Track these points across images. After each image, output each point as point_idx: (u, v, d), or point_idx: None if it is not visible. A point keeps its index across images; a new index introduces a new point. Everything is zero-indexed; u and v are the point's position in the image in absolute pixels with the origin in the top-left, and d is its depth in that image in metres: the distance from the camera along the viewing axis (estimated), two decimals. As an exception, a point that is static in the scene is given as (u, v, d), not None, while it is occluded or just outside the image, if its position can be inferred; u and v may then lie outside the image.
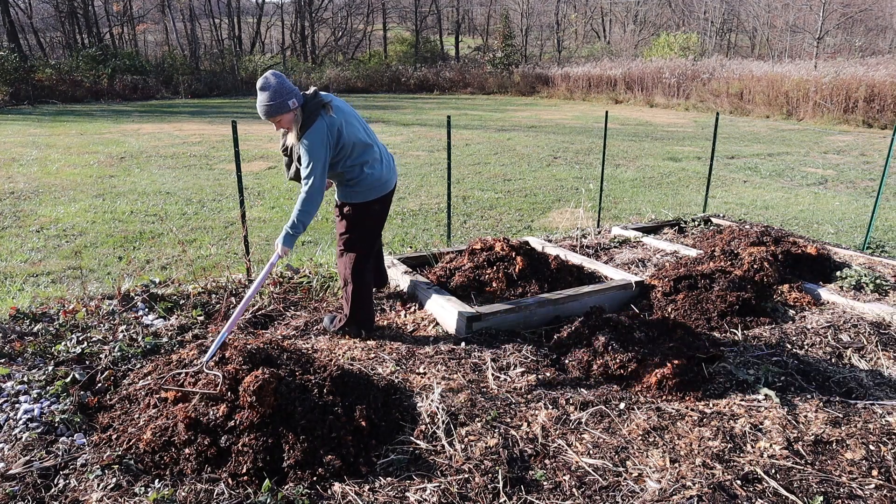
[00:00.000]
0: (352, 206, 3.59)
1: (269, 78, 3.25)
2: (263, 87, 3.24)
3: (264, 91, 3.23)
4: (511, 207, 8.09)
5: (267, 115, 3.26)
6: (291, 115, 3.28)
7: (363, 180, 3.53)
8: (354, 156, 3.49)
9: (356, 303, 3.72)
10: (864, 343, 3.81)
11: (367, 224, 3.64)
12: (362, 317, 3.77)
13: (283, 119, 3.29)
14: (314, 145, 3.27)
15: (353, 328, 3.77)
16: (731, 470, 2.58)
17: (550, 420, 2.90)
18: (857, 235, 6.86)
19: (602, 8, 49.01)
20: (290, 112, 3.27)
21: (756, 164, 11.67)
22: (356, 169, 3.51)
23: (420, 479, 2.51)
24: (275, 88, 3.21)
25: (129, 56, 27.81)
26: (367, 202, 3.59)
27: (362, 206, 3.59)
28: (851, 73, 19.44)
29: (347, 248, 3.66)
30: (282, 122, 3.32)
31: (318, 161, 3.28)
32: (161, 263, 5.75)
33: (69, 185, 8.95)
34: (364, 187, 3.55)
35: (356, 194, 3.56)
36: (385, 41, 43.90)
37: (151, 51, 36.51)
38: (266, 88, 3.22)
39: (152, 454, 2.58)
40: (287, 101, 3.23)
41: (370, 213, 3.62)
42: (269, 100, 3.21)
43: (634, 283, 4.41)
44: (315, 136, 3.27)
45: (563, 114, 21.59)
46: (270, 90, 3.21)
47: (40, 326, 3.77)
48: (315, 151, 3.27)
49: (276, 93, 3.21)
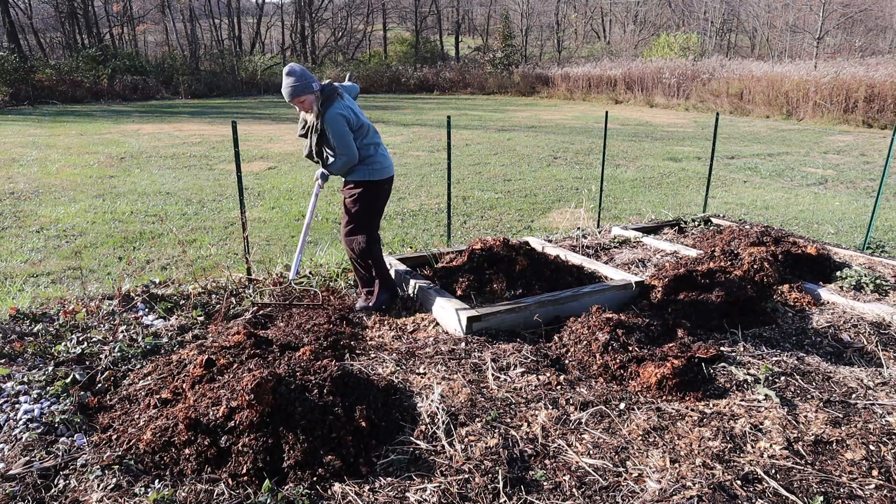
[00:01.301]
0: (367, 184, 4.00)
1: (294, 66, 3.81)
2: (290, 72, 3.77)
3: (291, 76, 3.76)
4: (511, 207, 8.09)
5: (293, 96, 3.77)
6: (313, 96, 3.80)
7: (377, 160, 4.01)
8: (370, 135, 3.99)
9: (381, 270, 4.18)
10: (864, 343, 3.81)
11: (378, 202, 4.10)
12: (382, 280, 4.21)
13: (306, 100, 3.79)
14: (335, 117, 3.79)
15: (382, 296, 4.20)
16: (731, 470, 2.58)
17: (550, 420, 2.90)
18: (857, 235, 6.86)
19: (602, 8, 49.02)
20: (312, 93, 3.79)
21: (756, 165, 11.67)
22: (371, 147, 3.98)
23: (420, 479, 2.51)
24: (300, 73, 3.78)
25: (129, 56, 27.82)
26: (381, 180, 4.04)
27: (376, 185, 4.02)
28: (851, 73, 19.44)
29: (359, 227, 4.07)
30: (305, 103, 3.82)
31: (343, 131, 3.82)
32: (161, 264, 5.75)
33: (69, 186, 8.95)
34: (378, 166, 4.01)
35: (372, 172, 3.99)
36: (385, 41, 43.90)
37: (151, 51, 36.52)
38: (292, 74, 3.77)
39: (152, 454, 2.57)
40: (311, 83, 3.78)
41: (381, 191, 4.08)
42: (296, 81, 3.75)
43: (634, 283, 4.41)
44: (336, 111, 3.80)
45: (563, 114, 21.59)
46: (296, 75, 3.77)
47: (40, 327, 3.77)
48: (337, 123, 3.80)
49: (301, 76, 3.76)
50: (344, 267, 4.97)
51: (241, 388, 2.65)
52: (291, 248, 6.17)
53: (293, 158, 11.61)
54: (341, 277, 4.76)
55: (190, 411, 2.68)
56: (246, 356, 3.19)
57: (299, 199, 8.34)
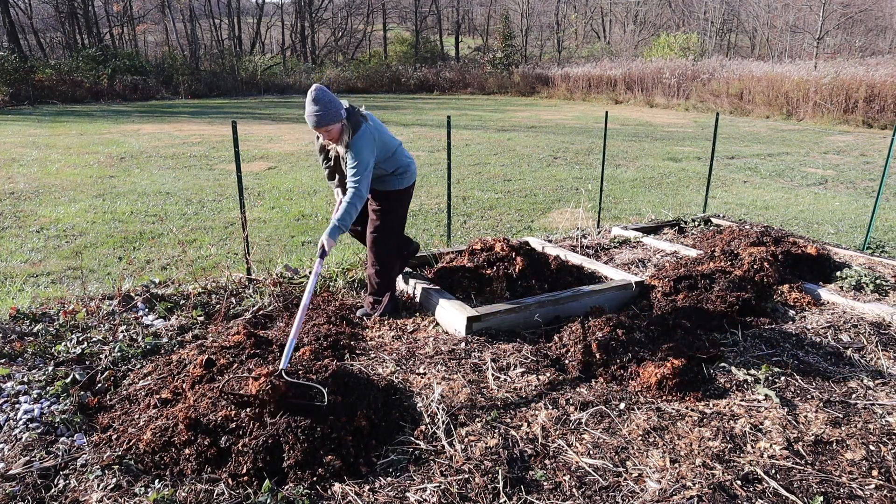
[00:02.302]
0: (398, 192, 4.00)
1: (320, 89, 3.50)
2: (316, 99, 3.46)
3: (317, 102, 3.46)
4: (511, 207, 8.09)
5: (318, 125, 3.49)
6: (340, 125, 3.55)
7: (407, 168, 4.02)
8: (394, 148, 3.92)
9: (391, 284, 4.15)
10: (864, 343, 3.81)
11: (405, 206, 4.13)
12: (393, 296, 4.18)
13: (333, 129, 3.54)
14: (362, 150, 3.56)
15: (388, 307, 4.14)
16: (731, 470, 2.58)
17: (550, 420, 2.90)
18: (857, 235, 6.86)
19: (602, 8, 49.02)
20: (340, 122, 3.53)
21: (756, 165, 11.67)
22: (401, 159, 3.98)
23: (420, 479, 2.51)
24: (328, 99, 3.48)
25: (129, 56, 27.81)
26: (409, 186, 4.07)
27: (405, 191, 4.05)
28: (851, 74, 19.44)
29: (388, 232, 4.04)
30: (331, 132, 3.56)
31: (366, 164, 3.56)
32: (161, 264, 5.75)
33: (69, 186, 8.95)
34: (409, 173, 4.04)
35: (403, 180, 4.00)
36: (385, 41, 43.90)
37: (151, 51, 36.52)
38: (319, 101, 3.46)
39: (152, 454, 2.58)
40: (339, 110, 3.51)
41: (409, 195, 4.12)
42: (323, 110, 3.46)
43: (634, 284, 4.41)
44: (363, 142, 3.57)
45: (563, 114, 21.59)
46: (324, 102, 3.47)
47: (40, 327, 3.77)
48: (363, 155, 3.55)
49: (330, 103, 3.48)
50: (344, 267, 4.97)
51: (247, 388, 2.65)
52: (291, 248, 6.17)
53: (293, 158, 11.62)
54: (340, 277, 4.76)
55: (190, 411, 2.68)
56: (246, 356, 3.19)
57: (299, 199, 8.34)
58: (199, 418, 2.63)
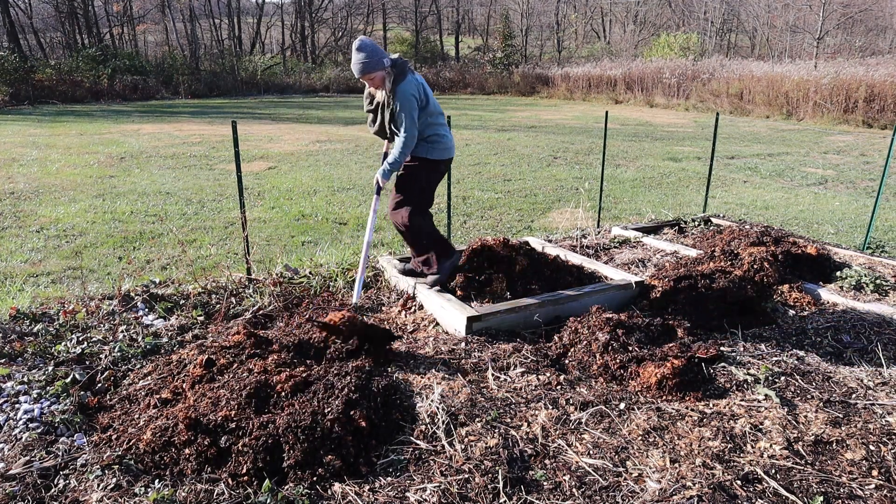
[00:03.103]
0: (425, 161, 4.00)
1: (364, 40, 3.72)
2: (360, 47, 3.68)
3: (361, 51, 3.66)
4: (511, 207, 8.09)
5: (363, 72, 3.68)
6: (383, 72, 3.72)
7: (441, 140, 3.99)
8: (435, 115, 3.95)
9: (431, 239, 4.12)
10: (864, 343, 3.81)
11: (432, 180, 4.07)
12: (439, 249, 4.15)
13: (376, 76, 3.71)
14: (407, 94, 3.72)
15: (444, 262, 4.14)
16: (731, 470, 2.57)
17: (550, 420, 2.90)
18: (857, 235, 6.86)
19: (602, 8, 49.01)
20: (383, 70, 3.70)
21: (756, 165, 11.67)
22: (436, 127, 3.96)
23: (420, 479, 2.51)
24: (371, 48, 3.67)
25: (129, 56, 27.82)
26: (440, 160, 4.03)
27: (434, 164, 4.02)
28: (851, 74, 19.44)
29: (407, 201, 4.03)
30: (374, 80, 3.75)
31: (411, 109, 3.74)
32: (161, 263, 5.75)
33: (69, 186, 8.95)
34: (441, 146, 4.00)
35: (433, 150, 3.98)
36: (385, 41, 43.88)
37: (151, 51, 36.51)
38: (363, 49, 3.67)
39: (152, 454, 2.57)
40: (382, 58, 3.68)
41: (438, 171, 4.08)
42: (367, 57, 3.65)
43: (634, 283, 4.41)
44: (407, 88, 3.72)
45: (563, 114, 21.59)
46: (367, 50, 3.66)
47: (40, 326, 3.77)
48: (409, 101, 3.73)
49: (373, 52, 3.66)
50: (344, 267, 4.97)
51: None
52: (291, 248, 6.18)
53: (293, 158, 11.62)
54: (341, 277, 4.76)
55: (190, 411, 2.68)
56: (246, 356, 3.19)
57: (299, 199, 8.34)
58: (199, 418, 2.63)
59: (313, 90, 30.93)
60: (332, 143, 13.59)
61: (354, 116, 19.61)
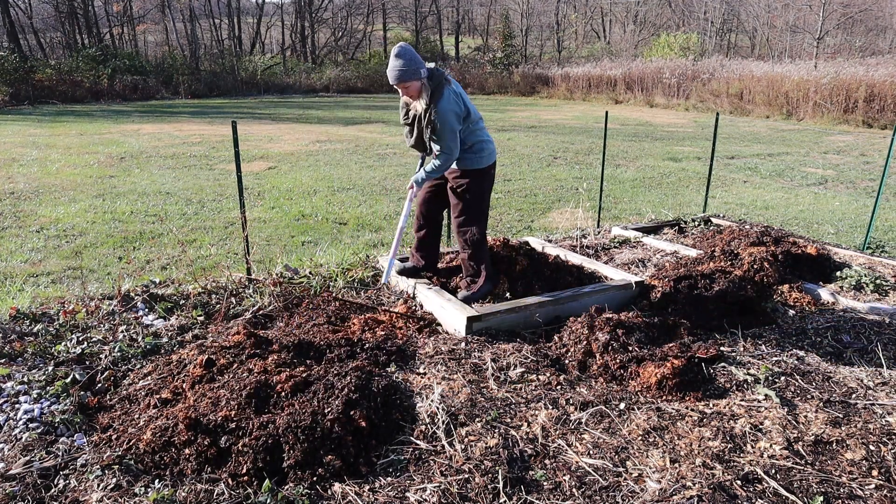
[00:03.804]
0: (476, 171, 3.89)
1: (404, 46, 3.56)
2: (399, 54, 3.52)
3: (400, 58, 3.51)
4: (511, 207, 8.09)
5: (399, 80, 3.53)
6: (419, 83, 3.57)
7: (485, 147, 3.88)
8: (475, 122, 3.83)
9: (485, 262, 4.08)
10: (864, 343, 3.81)
11: (486, 189, 3.99)
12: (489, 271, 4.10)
13: (411, 86, 3.57)
14: (448, 115, 3.59)
15: (485, 286, 4.09)
16: (731, 470, 2.57)
17: (550, 420, 2.90)
18: (857, 235, 6.86)
19: (602, 8, 49.02)
20: (419, 80, 3.56)
21: (756, 165, 11.67)
22: (478, 133, 3.85)
23: (420, 479, 2.51)
24: (409, 56, 3.52)
25: (129, 56, 27.83)
26: (489, 166, 3.93)
27: (484, 171, 3.92)
28: (851, 73, 19.45)
29: (472, 218, 3.98)
30: (409, 89, 3.59)
31: (454, 128, 3.63)
32: (161, 263, 5.75)
33: (69, 186, 8.95)
34: (486, 152, 3.89)
35: (480, 159, 3.88)
36: (385, 41, 43.89)
37: (151, 51, 36.51)
38: (401, 56, 3.52)
39: (152, 454, 2.57)
40: (420, 68, 3.53)
41: (490, 176, 3.98)
42: (405, 66, 3.49)
43: (634, 283, 4.41)
44: (448, 105, 3.59)
45: (563, 114, 21.59)
46: (406, 58, 3.51)
47: (40, 326, 3.77)
48: (450, 121, 3.60)
49: (411, 60, 3.51)
50: (344, 267, 4.97)
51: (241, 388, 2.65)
52: (291, 248, 6.17)
53: (293, 158, 11.62)
54: (340, 277, 4.76)
55: (190, 411, 2.68)
56: (246, 356, 3.19)
57: (299, 199, 8.34)
58: (199, 418, 2.63)
59: (313, 90, 30.95)
60: (332, 143, 13.59)
61: (354, 116, 19.62)
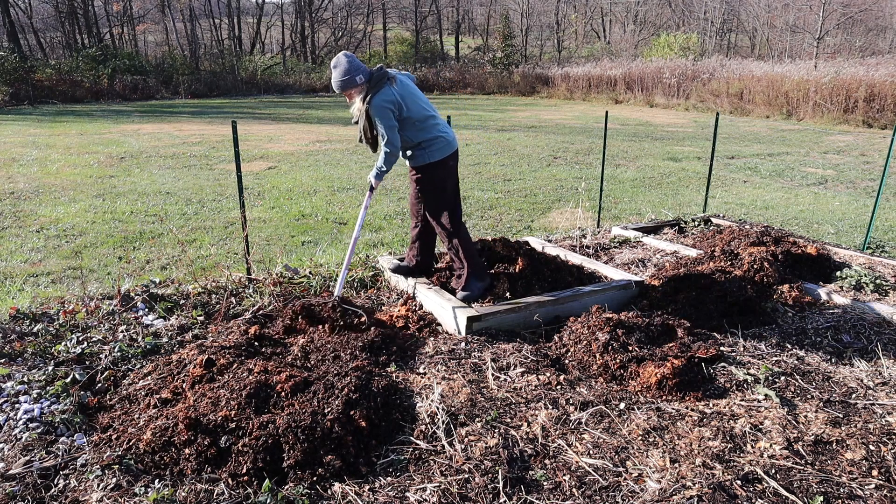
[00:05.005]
0: (428, 166, 4.01)
1: (341, 58, 3.79)
2: (336, 65, 3.79)
3: (336, 69, 3.78)
4: (511, 207, 8.09)
5: (340, 89, 3.82)
6: (359, 88, 3.81)
7: (434, 142, 3.98)
8: (423, 120, 3.94)
9: (467, 254, 4.11)
10: (864, 343, 3.81)
11: (443, 179, 4.06)
12: (475, 266, 4.13)
13: (352, 92, 3.83)
14: (379, 108, 3.76)
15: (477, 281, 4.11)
16: (731, 470, 2.57)
17: (550, 420, 2.90)
18: (857, 235, 6.86)
19: (602, 8, 49.00)
20: (357, 87, 3.80)
21: (756, 164, 11.67)
22: (427, 131, 3.96)
23: (420, 479, 2.51)
24: (345, 67, 3.76)
25: (129, 56, 27.82)
26: (444, 158, 4.02)
27: (438, 164, 4.01)
28: (851, 73, 19.44)
29: (433, 208, 4.10)
30: (352, 95, 3.86)
31: (387, 121, 3.78)
32: (161, 263, 5.75)
33: (69, 186, 8.95)
34: (436, 147, 3.99)
35: (431, 154, 3.99)
36: (385, 41, 43.88)
37: (151, 51, 36.51)
38: (338, 66, 3.78)
39: (152, 454, 2.57)
40: (355, 77, 3.77)
41: (446, 167, 4.06)
42: (341, 76, 3.77)
43: (634, 283, 4.41)
44: (379, 101, 3.75)
45: (563, 114, 21.59)
46: (342, 67, 3.76)
47: (40, 326, 3.77)
48: (382, 113, 3.77)
49: (347, 70, 3.76)
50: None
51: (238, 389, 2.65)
52: (291, 248, 6.17)
53: (293, 158, 11.62)
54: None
55: (190, 411, 2.68)
56: (246, 356, 3.19)
57: (299, 199, 8.34)
58: (199, 418, 2.63)
59: (313, 90, 30.95)
60: (332, 143, 13.59)
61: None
